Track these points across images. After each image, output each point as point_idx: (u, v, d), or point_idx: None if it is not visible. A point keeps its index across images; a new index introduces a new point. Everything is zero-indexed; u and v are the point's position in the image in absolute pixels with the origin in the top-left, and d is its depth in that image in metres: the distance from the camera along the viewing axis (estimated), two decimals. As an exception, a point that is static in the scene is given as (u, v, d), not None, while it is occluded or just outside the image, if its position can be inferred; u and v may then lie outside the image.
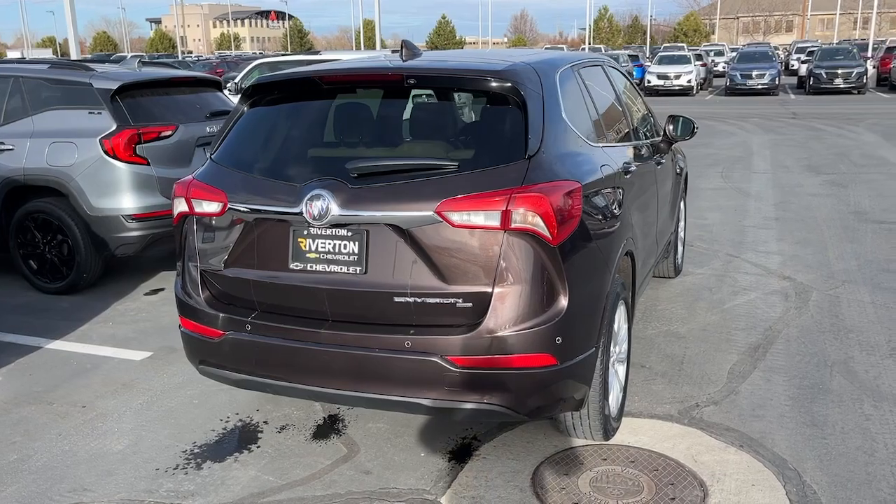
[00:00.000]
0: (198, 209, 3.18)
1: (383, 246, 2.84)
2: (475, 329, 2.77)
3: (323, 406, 3.87)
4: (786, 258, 6.46)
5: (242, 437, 3.63)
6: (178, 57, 48.21)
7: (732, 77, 28.46)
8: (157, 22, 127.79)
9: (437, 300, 2.80)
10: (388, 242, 2.84)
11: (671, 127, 4.89)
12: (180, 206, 3.27)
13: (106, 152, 5.64)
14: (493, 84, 2.96)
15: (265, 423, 3.76)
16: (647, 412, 3.74)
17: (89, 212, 5.71)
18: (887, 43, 36.57)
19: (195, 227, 3.22)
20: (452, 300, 2.79)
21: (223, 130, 3.37)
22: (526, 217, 2.70)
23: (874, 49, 35.56)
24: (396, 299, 2.84)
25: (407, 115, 3.21)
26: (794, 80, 33.58)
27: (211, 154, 3.35)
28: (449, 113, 3.11)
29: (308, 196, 2.86)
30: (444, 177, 2.80)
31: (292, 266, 2.97)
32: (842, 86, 26.68)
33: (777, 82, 28.23)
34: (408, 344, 2.81)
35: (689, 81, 28.98)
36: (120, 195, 5.70)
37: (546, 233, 2.72)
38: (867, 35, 65.51)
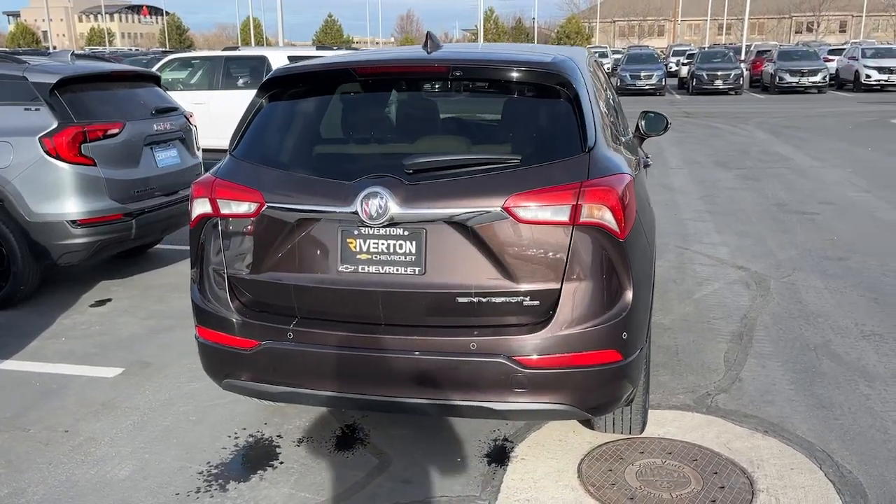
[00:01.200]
0: (225, 210, 2.94)
1: (443, 244, 2.72)
2: (543, 328, 2.70)
3: (337, 416, 3.68)
4: (732, 249, 6.75)
5: (260, 454, 3.39)
6: (104, 50, 44.69)
7: (623, 78, 29.61)
8: (16, 15, 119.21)
9: (503, 299, 2.71)
10: (448, 240, 2.72)
11: (643, 123, 4.98)
12: (201, 208, 3.01)
13: (47, 152, 5.16)
14: (543, 77, 2.90)
15: (279, 436, 3.54)
16: (664, 403, 3.78)
17: (28, 218, 5.22)
18: (753, 47, 39.20)
19: (221, 229, 2.97)
20: (519, 298, 2.71)
21: (242, 125, 3.13)
22: (595, 211, 2.66)
23: (746, 53, 37.92)
24: (459, 299, 2.72)
25: (450, 107, 3.09)
26: (674, 81, 35.30)
27: (231, 150, 3.10)
28: (495, 106, 3.02)
29: (363, 194, 2.70)
30: (509, 171, 2.71)
31: (341, 269, 2.80)
32: (721, 87, 28.34)
33: (664, 83, 29.65)
34: (473, 346, 2.71)
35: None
36: (63, 199, 5.23)
37: (615, 227, 2.69)
38: (730, 40, 70.01)
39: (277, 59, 10.59)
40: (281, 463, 3.32)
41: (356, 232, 2.77)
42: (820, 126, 17.08)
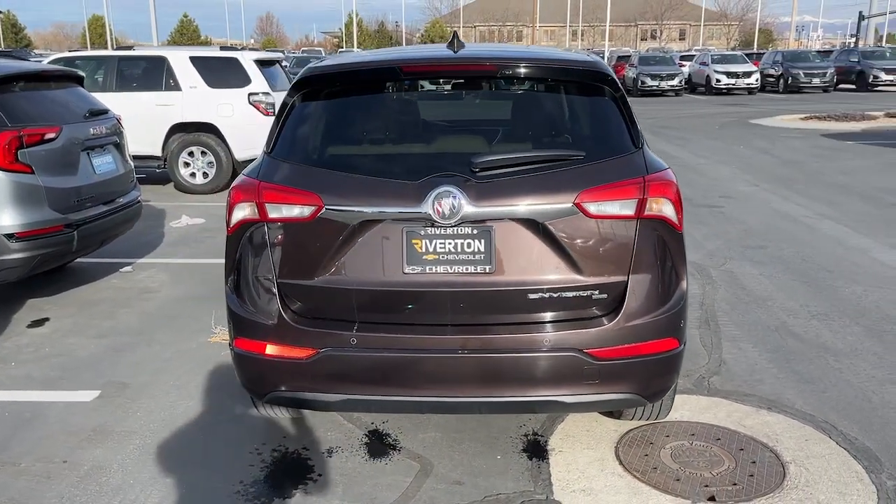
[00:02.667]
0: (275, 214, 2.81)
1: (512, 241, 2.74)
2: (613, 320, 2.78)
3: (356, 423, 3.59)
4: (663, 242, 7.12)
5: (293, 468, 3.26)
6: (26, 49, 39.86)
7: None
8: None
9: (574, 293, 2.76)
10: (517, 237, 2.74)
11: None
12: (243, 213, 2.86)
13: (-20, 159, 4.68)
14: (591, 76, 2.97)
15: (305, 449, 3.41)
16: (668, 388, 3.96)
17: (-42, 232, 4.71)
18: (611, 53, 41.39)
19: (269, 235, 2.83)
20: (588, 292, 2.77)
21: (278, 124, 2.99)
22: (657, 205, 2.77)
23: (608, 58, 39.96)
24: (530, 296, 2.75)
25: (497, 105, 3.09)
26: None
27: (269, 151, 2.96)
28: (543, 104, 3.05)
29: (434, 194, 2.67)
30: (574, 168, 2.77)
31: (407, 270, 2.75)
32: None
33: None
34: (546, 341, 2.74)
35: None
36: (-1, 210, 4.76)
37: (674, 219, 2.81)
38: (584, 46, 73.46)
39: (178, 60, 10.07)
40: (319, 475, 3.20)
41: (422, 232, 2.73)
42: (691, 126, 18.31)
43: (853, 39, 53.57)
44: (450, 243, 2.74)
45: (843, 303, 5.28)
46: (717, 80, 30.95)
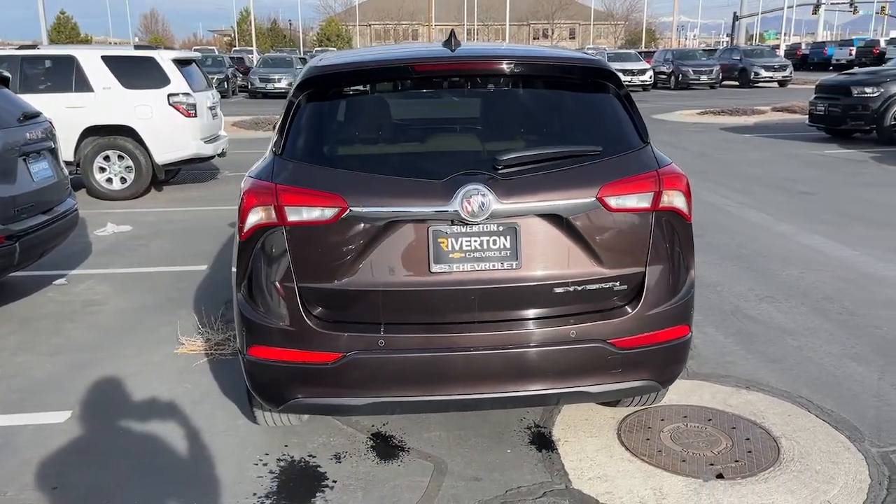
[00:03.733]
0: (295, 217, 2.73)
1: (536, 237, 2.78)
2: (633, 310, 2.86)
3: (356, 427, 3.54)
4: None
5: (305, 476, 3.18)
6: None
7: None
8: None
9: (597, 286, 2.83)
10: (542, 232, 2.78)
11: None
12: (258, 217, 2.76)
13: (-88, 168, 4.31)
14: (597, 74, 3.04)
15: (311, 456, 3.33)
16: (651, 374, 4.11)
17: None
18: None
19: (288, 239, 2.75)
20: (610, 284, 2.85)
21: (286, 124, 2.91)
22: (670, 197, 2.87)
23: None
24: (556, 290, 2.80)
25: (509, 103, 3.10)
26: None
27: (279, 152, 2.88)
28: (554, 101, 3.08)
29: (463, 191, 2.67)
30: (593, 163, 2.83)
31: (434, 269, 2.74)
32: None
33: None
34: (573, 334, 2.80)
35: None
36: (-65, 223, 4.40)
37: (685, 210, 2.93)
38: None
39: (89, 60, 9.55)
40: (334, 482, 3.14)
41: (448, 231, 2.73)
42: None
43: (728, 38, 56.85)
44: (475, 241, 2.75)
45: (784, 286, 5.62)
46: (614, 78, 32.09)
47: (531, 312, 2.83)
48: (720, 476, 3.15)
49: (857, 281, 5.68)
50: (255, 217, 2.78)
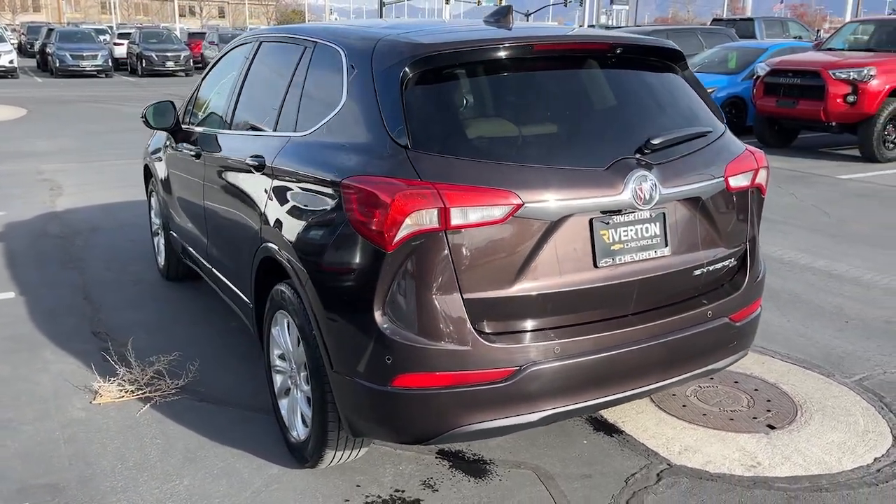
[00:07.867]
0: (460, 221, 2.33)
1: (678, 220, 2.75)
2: (743, 284, 2.98)
3: (405, 449, 3.16)
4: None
5: (418, 515, 2.77)
6: None
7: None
8: None
9: (721, 264, 2.89)
10: (682, 216, 2.76)
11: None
12: (418, 223, 2.31)
13: None
14: (677, 57, 3.06)
15: (399, 490, 2.92)
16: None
17: None
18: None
19: (449, 245, 2.34)
20: (728, 261, 2.93)
21: (398, 111, 2.44)
22: (759, 174, 3.03)
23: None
24: (695, 272, 2.80)
25: (623, 85, 2.91)
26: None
27: (405, 145, 2.40)
28: (657, 84, 2.93)
29: (633, 178, 2.52)
30: (713, 144, 2.88)
31: (601, 263, 2.55)
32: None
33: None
34: (709, 314, 2.83)
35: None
36: None
37: (766, 185, 3.11)
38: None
39: None
40: (454, 513, 2.79)
41: (608, 222, 2.57)
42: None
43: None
44: (632, 230, 2.63)
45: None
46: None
47: (676, 297, 2.80)
48: (771, 426, 3.44)
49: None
50: (412, 223, 2.31)
